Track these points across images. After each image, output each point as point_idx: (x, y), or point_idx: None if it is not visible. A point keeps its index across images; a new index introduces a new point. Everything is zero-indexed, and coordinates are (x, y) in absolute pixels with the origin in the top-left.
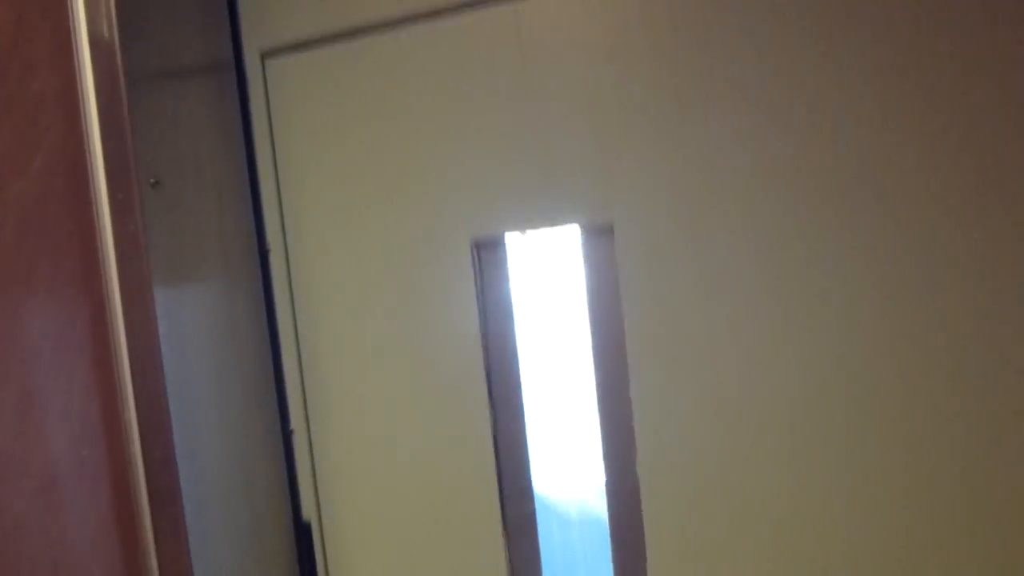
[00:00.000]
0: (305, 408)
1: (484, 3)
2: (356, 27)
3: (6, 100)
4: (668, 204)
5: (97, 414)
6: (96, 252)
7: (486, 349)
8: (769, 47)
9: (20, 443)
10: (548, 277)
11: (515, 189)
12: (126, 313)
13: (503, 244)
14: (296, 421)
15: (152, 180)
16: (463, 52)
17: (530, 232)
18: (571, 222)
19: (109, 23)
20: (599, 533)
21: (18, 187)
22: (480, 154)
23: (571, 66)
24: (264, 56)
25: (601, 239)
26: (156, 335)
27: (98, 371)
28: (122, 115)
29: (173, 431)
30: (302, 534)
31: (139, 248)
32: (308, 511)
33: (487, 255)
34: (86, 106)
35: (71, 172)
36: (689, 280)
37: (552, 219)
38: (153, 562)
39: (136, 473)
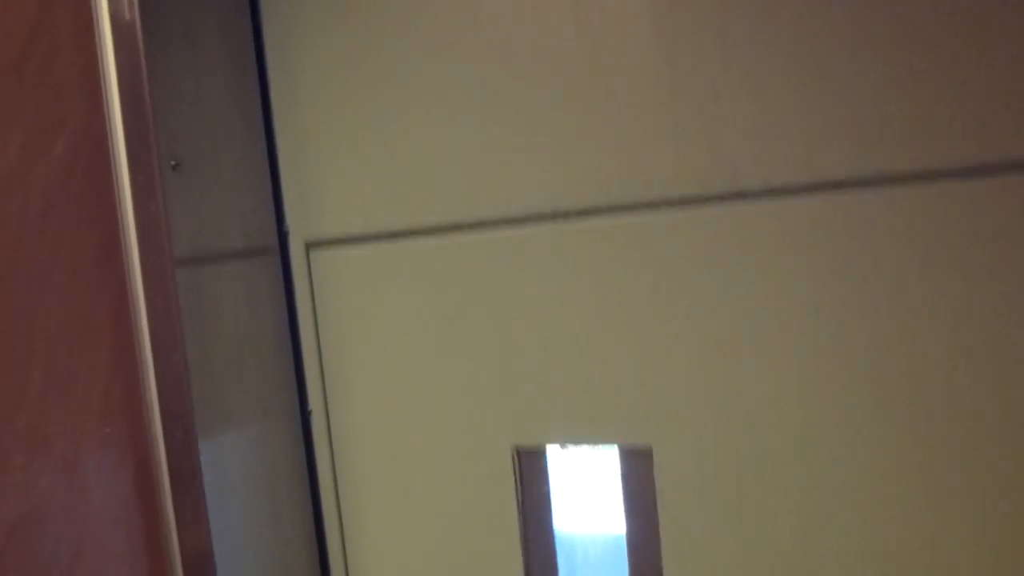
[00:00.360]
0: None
1: (529, 220)
2: (403, 230)
3: (30, 83)
4: (707, 431)
5: (119, 394)
6: (118, 234)
7: (526, 553)
8: (794, 284)
9: (44, 421)
10: (588, 490)
11: (557, 405)
12: (148, 295)
13: (544, 455)
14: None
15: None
16: (509, 264)
17: (571, 447)
18: (610, 442)
19: (131, 6)
20: None
21: (42, 169)
22: (524, 366)
23: (614, 292)
24: (309, 246)
25: (640, 460)
26: (177, 318)
27: (120, 351)
28: (143, 98)
29: (194, 411)
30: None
31: (160, 230)
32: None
33: (528, 463)
34: (108, 89)
35: (93, 154)
36: (727, 503)
37: (592, 438)
38: (174, 541)
39: (158, 453)
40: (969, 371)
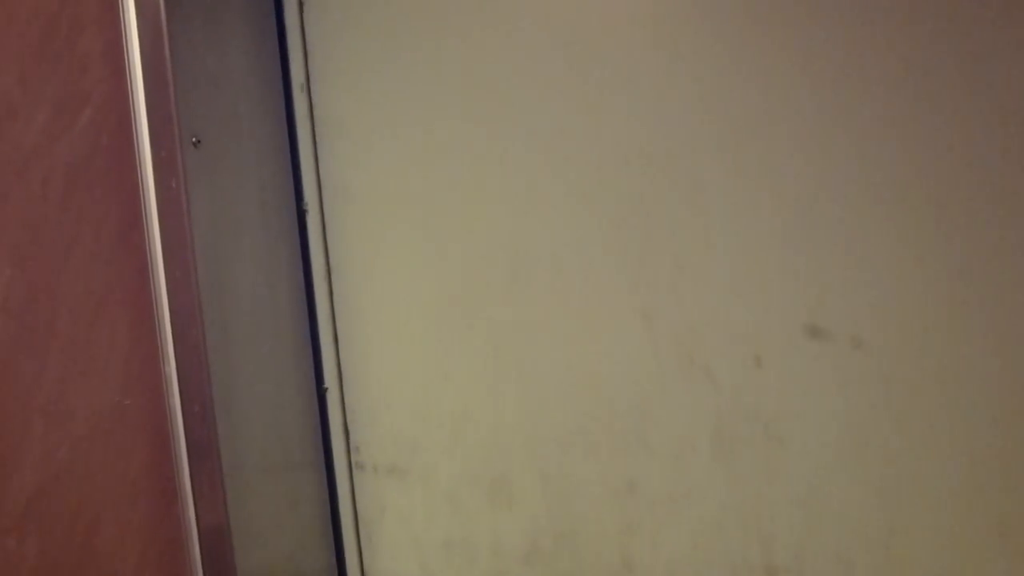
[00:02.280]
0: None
1: None
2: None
3: (55, 57)
4: None
5: (138, 367)
6: (139, 209)
7: None
8: None
9: (63, 394)
10: None
11: None
12: (167, 269)
13: None
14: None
15: (194, 139)
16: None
17: None
18: None
19: None
20: None
21: (66, 143)
22: None
23: None
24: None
25: None
26: (197, 292)
27: (139, 325)
28: (165, 74)
29: (212, 385)
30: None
31: (181, 205)
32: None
33: None
34: (131, 64)
35: (116, 129)
36: None
37: None
38: (191, 513)
39: (176, 425)
40: None
